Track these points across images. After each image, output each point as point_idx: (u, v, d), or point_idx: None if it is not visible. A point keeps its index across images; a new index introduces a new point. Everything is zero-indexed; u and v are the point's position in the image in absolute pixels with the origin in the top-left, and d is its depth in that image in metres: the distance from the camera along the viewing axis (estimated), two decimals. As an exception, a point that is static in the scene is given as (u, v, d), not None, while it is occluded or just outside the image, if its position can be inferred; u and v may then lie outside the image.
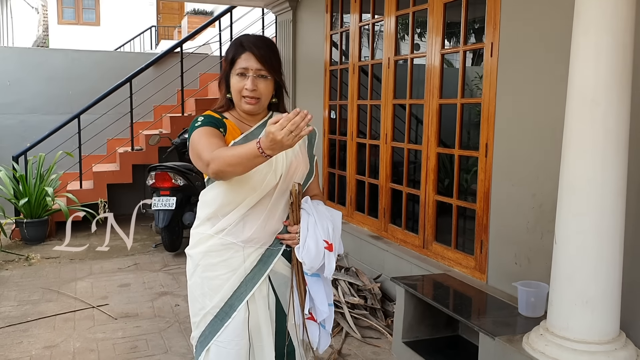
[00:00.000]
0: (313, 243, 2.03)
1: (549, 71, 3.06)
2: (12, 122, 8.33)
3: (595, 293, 2.37)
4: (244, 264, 2.11)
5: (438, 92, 3.98)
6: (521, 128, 3.26)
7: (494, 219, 3.49)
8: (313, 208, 2.10)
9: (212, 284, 2.13)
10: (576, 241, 2.41)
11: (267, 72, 2.09)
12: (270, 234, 2.14)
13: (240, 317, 2.10)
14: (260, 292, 2.13)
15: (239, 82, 2.08)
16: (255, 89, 2.07)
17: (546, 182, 3.07)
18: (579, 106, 2.38)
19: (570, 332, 2.43)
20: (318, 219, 2.07)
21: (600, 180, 2.34)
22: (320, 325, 2.23)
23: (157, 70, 8.52)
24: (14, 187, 6.87)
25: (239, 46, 2.10)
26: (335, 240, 2.09)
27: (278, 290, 2.18)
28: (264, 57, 2.08)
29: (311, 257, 2.04)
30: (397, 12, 4.47)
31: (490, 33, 3.45)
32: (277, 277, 2.17)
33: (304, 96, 6.19)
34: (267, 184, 2.07)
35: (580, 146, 2.38)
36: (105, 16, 18.65)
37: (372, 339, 3.93)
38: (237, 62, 2.08)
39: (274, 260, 2.13)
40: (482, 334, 2.85)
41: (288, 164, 2.12)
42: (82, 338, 4.03)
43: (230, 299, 2.11)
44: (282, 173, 2.10)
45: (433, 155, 4.06)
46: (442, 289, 3.56)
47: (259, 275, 2.12)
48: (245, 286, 2.11)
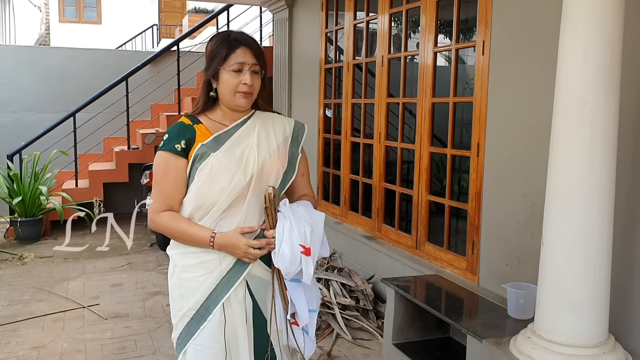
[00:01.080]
0: (288, 248, 1.96)
1: (540, 69, 3.00)
2: (6, 120, 8.31)
3: (582, 296, 2.32)
4: (220, 266, 2.05)
5: (431, 90, 3.93)
6: (512, 127, 3.21)
7: (485, 219, 3.44)
8: (290, 211, 2.02)
9: (189, 285, 2.09)
10: (563, 243, 2.36)
11: (259, 67, 2.07)
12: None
13: (215, 320, 2.05)
14: (236, 295, 2.07)
15: (234, 77, 2.03)
16: (252, 84, 2.04)
17: (536, 182, 3.02)
18: (567, 105, 2.33)
19: (558, 336, 2.38)
20: (294, 222, 1.99)
21: (588, 181, 2.29)
22: (304, 332, 2.17)
23: (154, 68, 8.49)
24: (9, 185, 6.84)
25: (233, 41, 2.04)
26: (314, 244, 2.00)
27: (256, 295, 2.11)
28: (258, 51, 2.06)
29: (286, 263, 1.97)
30: (391, 10, 4.42)
31: (482, 31, 3.40)
32: (255, 281, 2.10)
33: (299, 94, 6.15)
34: (236, 184, 2.01)
35: (568, 146, 2.33)
36: (107, 14, 18.59)
37: (362, 340, 3.89)
38: (232, 57, 2.02)
39: (250, 264, 2.06)
40: (469, 336, 2.81)
41: (260, 163, 2.06)
42: (70, 338, 3.99)
43: (206, 302, 2.06)
44: (254, 173, 2.04)
45: (426, 155, 4.01)
46: (433, 290, 3.51)
47: (235, 279, 2.06)
48: (221, 289, 2.05)
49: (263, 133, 2.12)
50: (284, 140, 2.17)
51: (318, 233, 2.05)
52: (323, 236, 2.10)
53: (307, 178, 2.29)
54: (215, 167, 2.01)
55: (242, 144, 2.07)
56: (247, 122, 2.13)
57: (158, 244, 6.25)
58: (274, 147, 2.11)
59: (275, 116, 2.23)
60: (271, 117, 2.20)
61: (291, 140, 2.20)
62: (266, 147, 2.10)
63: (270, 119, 2.19)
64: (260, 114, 2.19)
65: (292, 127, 2.22)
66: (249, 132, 2.10)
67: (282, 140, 2.16)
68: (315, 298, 2.16)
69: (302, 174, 2.25)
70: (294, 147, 2.20)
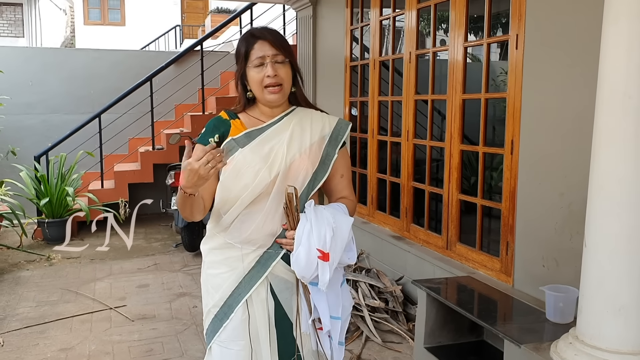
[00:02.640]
0: (304, 252, 1.90)
1: (578, 63, 2.89)
2: (33, 122, 8.38)
3: (628, 300, 2.21)
4: (242, 264, 2.03)
5: (461, 87, 3.83)
6: (548, 123, 3.10)
7: (520, 219, 3.33)
8: (313, 213, 1.95)
9: (214, 282, 2.09)
10: (606, 244, 2.25)
11: (283, 56, 2.01)
12: (268, 236, 2.02)
13: (238, 318, 2.03)
14: (258, 294, 2.03)
15: (258, 73, 1.99)
16: (276, 74, 1.98)
17: (575, 180, 2.91)
18: (610, 100, 2.21)
19: (602, 341, 2.27)
20: (315, 225, 1.92)
21: (632, 179, 2.17)
22: (330, 338, 2.09)
23: (178, 68, 8.48)
24: (36, 187, 6.89)
25: (250, 37, 2.02)
26: (334, 250, 1.92)
27: (280, 295, 2.06)
28: (277, 41, 2.01)
29: (301, 267, 1.92)
30: (419, 5, 4.32)
31: (515, 24, 3.29)
32: (278, 281, 2.05)
33: (324, 93, 6.08)
34: (260, 180, 1.97)
35: (611, 142, 2.21)
36: (131, 16, 18.73)
37: (393, 343, 3.80)
38: (252, 53, 1.99)
39: (272, 263, 2.02)
40: (507, 341, 2.71)
41: (289, 161, 2.00)
42: (98, 340, 3.98)
43: (229, 299, 2.04)
44: (280, 171, 1.98)
45: (456, 153, 3.91)
46: (466, 292, 3.41)
47: (256, 278, 2.02)
48: (244, 287, 2.03)
49: (298, 130, 2.06)
50: (321, 138, 2.10)
51: (341, 238, 1.96)
52: (350, 242, 2.02)
53: (347, 180, 2.19)
54: (240, 163, 1.98)
55: (273, 141, 2.02)
56: (283, 119, 2.08)
57: (184, 244, 6.23)
58: (307, 145, 2.05)
59: (316, 113, 2.16)
60: (310, 114, 2.13)
61: (329, 140, 2.11)
62: (298, 144, 2.04)
63: (309, 116, 2.12)
64: (300, 111, 2.13)
65: (332, 126, 2.14)
66: (282, 129, 2.05)
67: (318, 139, 2.09)
68: (342, 305, 2.08)
69: (342, 175, 2.17)
70: (331, 146, 2.11)
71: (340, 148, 2.13)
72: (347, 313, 2.13)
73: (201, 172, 1.76)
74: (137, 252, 6.40)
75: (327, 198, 2.18)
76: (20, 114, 8.29)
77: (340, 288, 2.09)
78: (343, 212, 2.06)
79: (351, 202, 2.18)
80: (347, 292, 2.16)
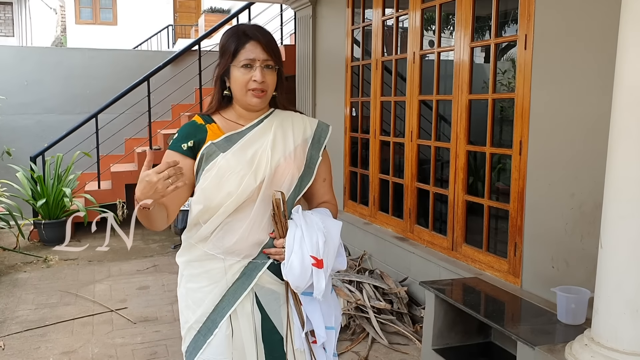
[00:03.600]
0: (298, 260, 1.81)
1: (588, 63, 2.88)
2: (29, 122, 8.30)
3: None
4: (226, 277, 1.91)
5: (467, 87, 3.82)
6: (558, 124, 3.09)
7: (529, 220, 3.32)
8: (302, 219, 1.86)
9: (195, 296, 1.96)
10: (624, 246, 2.23)
11: (273, 62, 1.91)
12: (254, 246, 1.90)
13: (222, 333, 1.91)
14: (243, 308, 1.92)
15: (244, 74, 1.88)
16: (264, 81, 1.88)
17: (586, 181, 2.90)
18: (628, 103, 2.20)
19: (619, 343, 2.26)
20: (306, 231, 1.83)
21: (651, 180, 2.17)
22: (325, 350, 1.99)
23: (175, 68, 8.43)
24: (32, 187, 6.81)
25: (242, 35, 1.89)
26: (327, 256, 1.84)
27: (267, 307, 1.94)
28: (270, 45, 1.90)
29: (295, 276, 1.82)
30: (423, 5, 4.30)
31: (524, 24, 3.28)
32: (264, 292, 1.94)
33: (324, 93, 6.05)
34: (245, 187, 1.86)
35: (629, 144, 2.20)
36: (123, 15, 18.63)
37: (399, 345, 3.79)
38: (241, 52, 1.87)
39: (258, 274, 1.90)
40: (520, 343, 2.69)
41: (274, 166, 1.90)
42: (100, 343, 3.93)
43: (212, 314, 1.92)
44: (265, 176, 1.88)
45: (462, 153, 3.90)
46: (474, 293, 3.40)
47: (241, 290, 1.90)
48: (228, 301, 1.91)
49: (280, 133, 1.96)
50: (303, 141, 2.00)
51: (333, 244, 1.88)
52: (339, 247, 1.94)
53: (328, 184, 2.11)
54: (223, 169, 1.87)
55: (255, 145, 1.92)
56: (263, 122, 1.98)
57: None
58: (291, 148, 1.95)
59: (296, 115, 2.06)
60: (291, 117, 2.04)
61: (312, 142, 2.02)
62: (281, 148, 1.94)
63: (290, 119, 2.02)
64: (280, 113, 2.03)
65: (314, 128, 2.04)
66: (263, 132, 1.95)
67: (300, 142, 1.99)
68: (334, 314, 2.00)
69: (324, 179, 2.08)
70: (314, 149, 2.02)
71: (322, 151, 2.05)
72: (339, 322, 2.05)
73: (159, 187, 1.66)
74: (136, 253, 6.34)
75: (307, 203, 2.08)
76: (15, 114, 8.21)
77: (330, 296, 2.01)
78: (330, 216, 1.99)
79: (333, 206, 2.11)
80: (337, 300, 2.07)
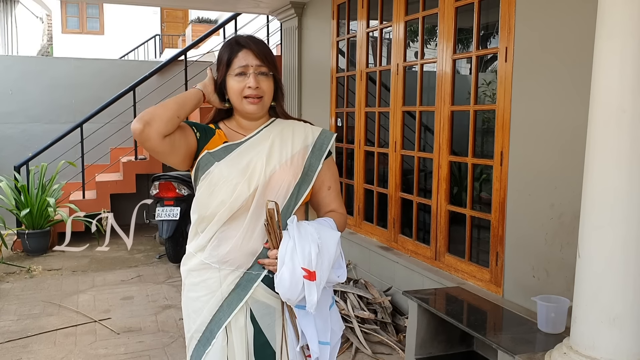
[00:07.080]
0: (288, 272, 1.78)
1: (567, 76, 2.94)
2: (13, 132, 8.26)
3: (622, 310, 2.24)
4: (221, 287, 1.91)
5: (450, 98, 3.86)
6: (538, 135, 3.13)
7: (510, 230, 3.36)
8: (296, 229, 1.83)
9: (194, 305, 1.98)
10: (601, 256, 2.27)
11: (267, 69, 1.94)
12: (248, 256, 1.89)
13: (219, 344, 1.92)
14: (236, 321, 1.91)
15: (239, 82, 1.92)
16: (258, 87, 1.91)
17: (565, 192, 2.94)
18: (604, 114, 2.25)
19: (597, 351, 2.29)
20: (298, 242, 1.80)
21: (626, 190, 2.20)
22: None
23: (161, 78, 8.42)
24: (16, 197, 6.77)
25: (234, 45, 1.95)
26: (320, 268, 1.79)
27: (261, 321, 1.93)
28: (262, 52, 1.94)
29: (285, 288, 1.79)
30: (407, 17, 4.36)
31: (504, 37, 3.33)
32: (259, 306, 1.92)
33: (309, 104, 6.08)
34: (238, 195, 1.86)
35: (606, 154, 2.25)
36: (110, 25, 18.62)
37: (383, 354, 3.80)
38: (234, 61, 1.92)
39: (253, 286, 1.89)
40: (500, 352, 2.72)
41: (268, 174, 1.91)
42: (83, 354, 3.91)
43: (210, 324, 1.94)
44: (259, 184, 1.88)
45: (445, 164, 3.94)
46: (457, 303, 3.42)
47: (236, 302, 1.90)
48: (224, 312, 1.91)
49: (278, 141, 1.97)
50: (303, 149, 2.00)
51: (328, 255, 1.83)
52: (339, 259, 1.89)
53: (334, 192, 2.07)
54: (216, 177, 1.89)
55: (251, 153, 1.93)
56: (262, 131, 2.00)
57: (168, 255, 6.17)
58: (288, 156, 1.96)
59: (299, 124, 2.07)
60: (292, 125, 2.05)
61: (312, 150, 2.01)
62: (278, 156, 1.94)
63: (291, 127, 2.04)
64: (281, 122, 2.05)
65: (316, 136, 2.04)
66: (261, 141, 1.97)
67: (300, 149, 1.99)
68: (332, 329, 1.96)
69: (329, 188, 2.05)
70: (315, 157, 2.01)
71: (326, 158, 2.04)
72: (337, 338, 2.01)
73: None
74: (120, 263, 6.31)
75: (315, 212, 2.09)
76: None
77: (329, 311, 1.97)
78: (329, 226, 1.94)
79: (340, 215, 2.07)
80: (337, 315, 2.03)
